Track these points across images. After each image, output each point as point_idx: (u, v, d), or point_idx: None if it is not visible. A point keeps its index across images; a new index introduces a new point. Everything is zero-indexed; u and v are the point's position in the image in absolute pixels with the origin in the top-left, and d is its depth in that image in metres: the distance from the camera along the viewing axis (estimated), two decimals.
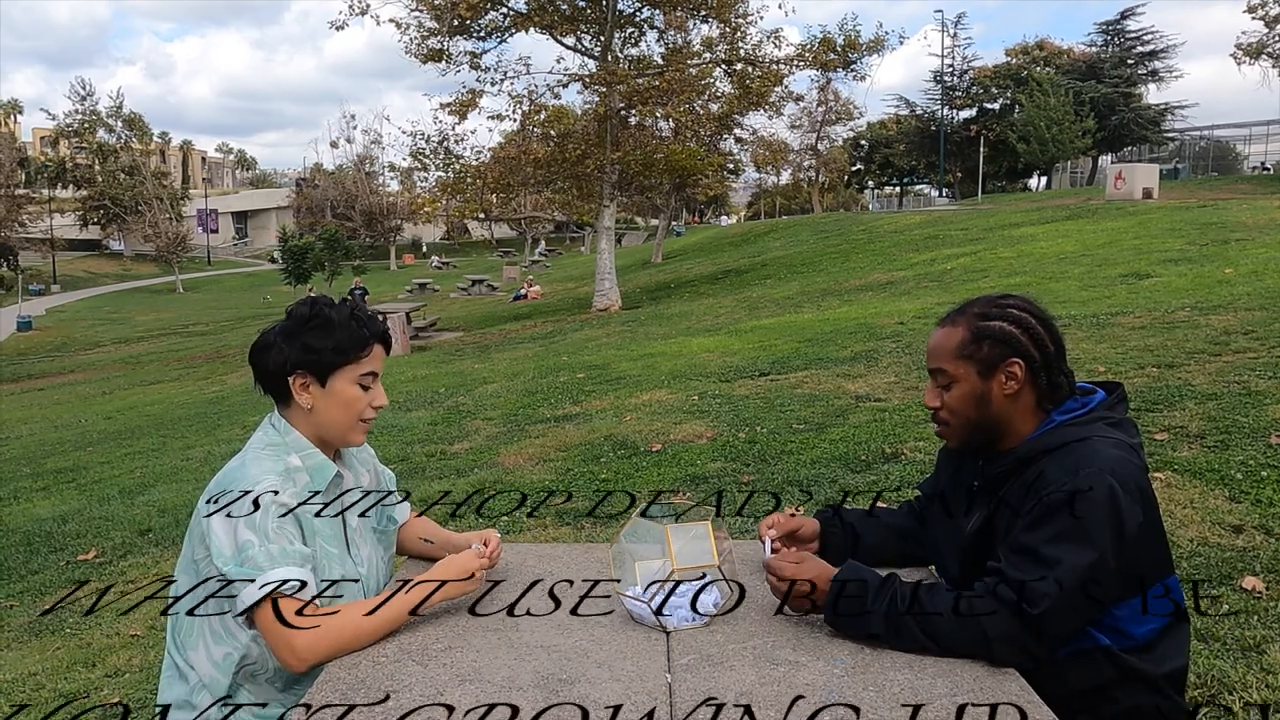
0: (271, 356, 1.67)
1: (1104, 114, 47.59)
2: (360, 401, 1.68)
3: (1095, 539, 1.41)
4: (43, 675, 3.47)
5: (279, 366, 1.66)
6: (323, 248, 41.30)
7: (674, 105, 18.99)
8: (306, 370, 1.65)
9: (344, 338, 1.65)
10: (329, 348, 1.64)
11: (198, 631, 1.60)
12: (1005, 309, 1.60)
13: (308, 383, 1.66)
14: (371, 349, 1.69)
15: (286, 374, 1.66)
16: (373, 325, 1.69)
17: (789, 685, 1.35)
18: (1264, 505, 3.51)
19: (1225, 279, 9.34)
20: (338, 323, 1.65)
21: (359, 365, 1.67)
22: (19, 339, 31.85)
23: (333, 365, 1.65)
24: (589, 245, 52.34)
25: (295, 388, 1.66)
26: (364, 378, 1.68)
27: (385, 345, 1.73)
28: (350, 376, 1.66)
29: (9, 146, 53.09)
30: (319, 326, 1.65)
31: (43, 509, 6.43)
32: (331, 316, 1.66)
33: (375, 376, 1.70)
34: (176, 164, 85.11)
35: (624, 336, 12.69)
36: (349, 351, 1.66)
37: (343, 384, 1.66)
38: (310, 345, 1.64)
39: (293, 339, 1.66)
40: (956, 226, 20.53)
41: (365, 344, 1.67)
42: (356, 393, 1.67)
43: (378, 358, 1.71)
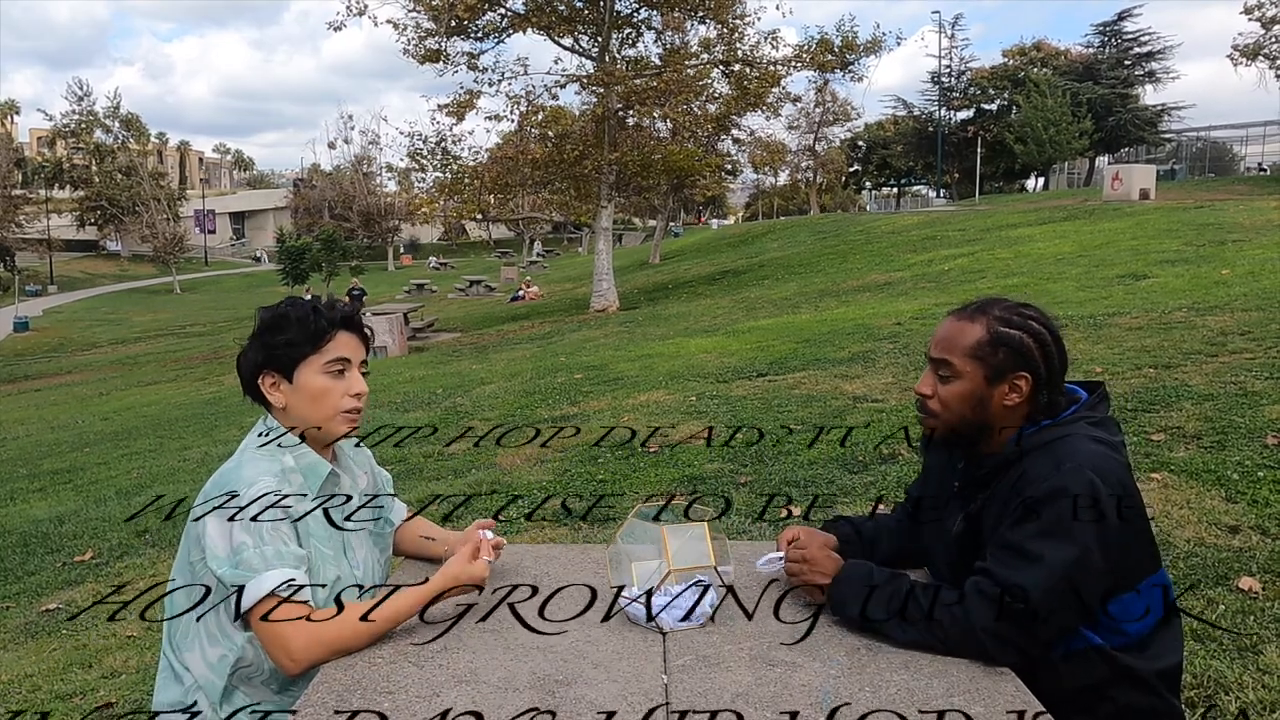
0: (245, 362, 1.69)
1: (1101, 115, 47.65)
2: (333, 392, 1.66)
3: (1078, 534, 1.42)
4: (39, 677, 3.46)
5: (250, 370, 1.68)
6: (320, 248, 41.26)
7: (672, 106, 19.00)
8: (270, 368, 1.67)
9: (300, 330, 1.65)
10: (284, 341, 1.65)
11: (193, 633, 1.60)
12: (1026, 319, 1.58)
13: (276, 381, 1.67)
14: (333, 337, 1.67)
15: (255, 378, 1.68)
16: (331, 314, 1.68)
17: (785, 686, 1.35)
18: (1260, 506, 3.51)
19: (1222, 280, 9.36)
20: (294, 318, 1.66)
21: (322, 354, 1.66)
22: (16, 340, 31.79)
23: (294, 359, 1.65)
24: (587, 246, 52.37)
25: (265, 388, 1.67)
26: (330, 366, 1.66)
27: (354, 331, 1.71)
28: (314, 368, 1.65)
29: (6, 147, 53.06)
30: (273, 325, 1.67)
31: (39, 510, 6.42)
32: (288, 313, 1.67)
33: (347, 363, 1.68)
34: (174, 164, 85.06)
35: (622, 337, 12.69)
36: (306, 343, 1.65)
37: (309, 376, 1.65)
38: (269, 343, 1.66)
39: (255, 340, 1.68)
40: (954, 227, 20.55)
41: (323, 333, 1.66)
42: (325, 383, 1.66)
43: (344, 345, 1.68)
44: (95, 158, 60.24)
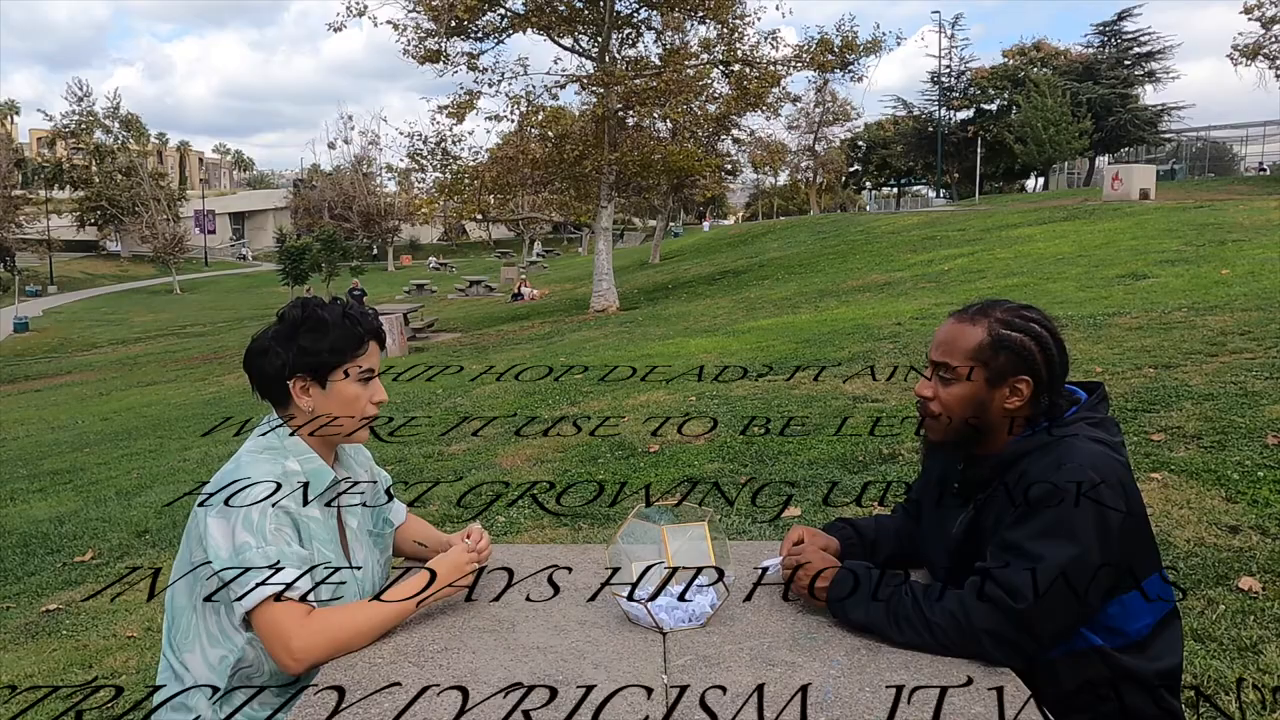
0: (269, 361, 1.67)
1: (1101, 115, 47.66)
2: (361, 399, 1.69)
3: (1078, 534, 1.42)
4: (39, 677, 3.46)
5: (277, 371, 1.66)
6: (320, 248, 41.26)
7: (672, 106, 19.02)
8: (305, 373, 1.65)
9: (339, 337, 1.65)
10: (325, 349, 1.65)
11: (194, 634, 1.60)
12: (1029, 322, 1.58)
13: (308, 385, 1.66)
14: (367, 346, 1.70)
15: (285, 378, 1.66)
16: (366, 322, 1.70)
17: (785, 686, 1.35)
18: (1260, 505, 3.51)
19: (1222, 280, 9.36)
20: (332, 323, 1.66)
21: (356, 363, 1.68)
22: (16, 340, 31.79)
23: (331, 365, 1.66)
24: (586, 246, 52.37)
25: (295, 391, 1.66)
26: (363, 375, 1.69)
27: (380, 341, 1.75)
28: (349, 375, 1.67)
29: (6, 147, 53.04)
30: (313, 328, 1.65)
31: (39, 510, 6.42)
32: (325, 317, 1.66)
33: (373, 372, 1.72)
34: (174, 165, 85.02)
35: (622, 337, 12.69)
36: (346, 351, 1.66)
37: (342, 383, 1.67)
38: (306, 348, 1.64)
39: (288, 342, 1.66)
40: (954, 227, 20.55)
41: (361, 341, 1.68)
42: (356, 390, 1.68)
43: (373, 354, 1.72)
44: (95, 158, 60.22)
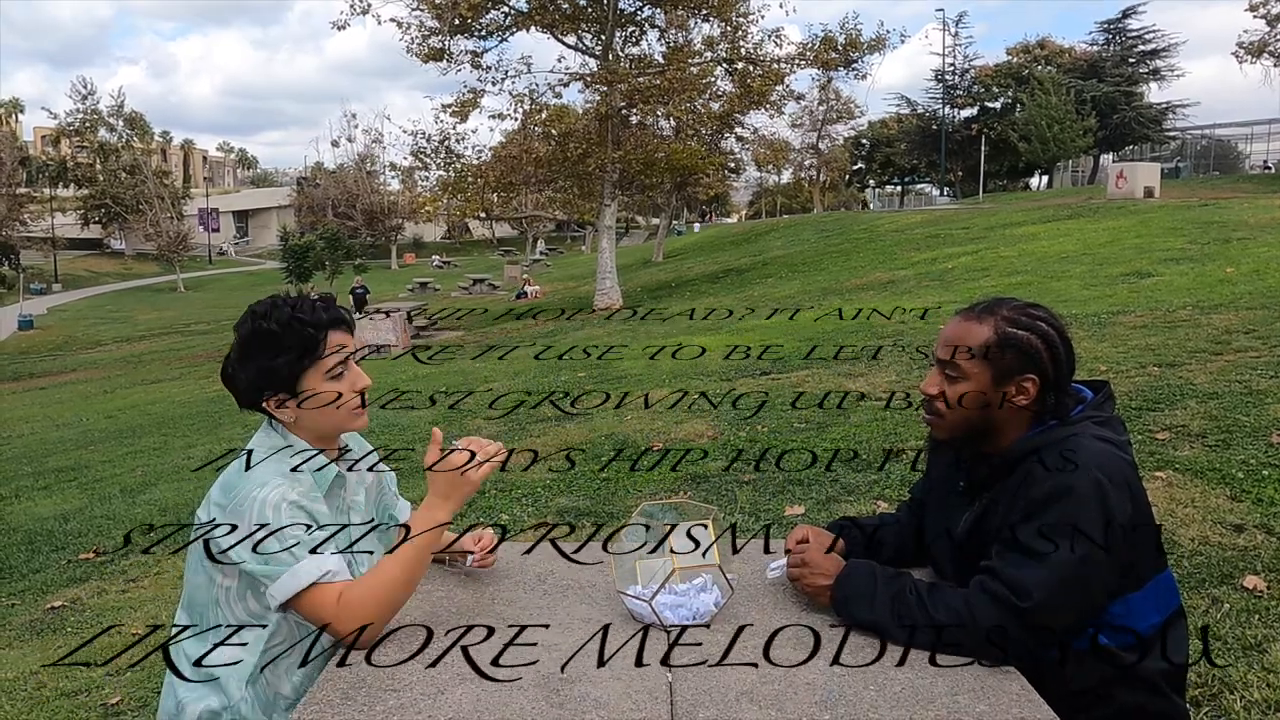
0: (236, 383, 1.62)
1: (1105, 113, 47.56)
2: (342, 395, 1.62)
3: (1084, 532, 1.42)
4: (44, 673, 3.48)
5: (249, 392, 1.61)
6: (324, 247, 41.27)
7: (675, 104, 19.00)
8: (271, 390, 1.60)
9: (293, 344, 1.57)
10: (282, 363, 1.58)
11: (213, 622, 1.59)
12: (1035, 320, 1.57)
13: (281, 399, 1.61)
14: (326, 341, 1.60)
15: (259, 401, 1.61)
16: (318, 317, 1.60)
17: (789, 684, 1.35)
18: (1265, 504, 3.50)
19: (1227, 278, 9.33)
20: (281, 332, 1.57)
21: (321, 363, 1.60)
22: (20, 338, 31.85)
23: (294, 374, 1.59)
24: (590, 244, 52.33)
25: (271, 408, 1.61)
26: (331, 372, 1.61)
27: (345, 327, 1.64)
28: (317, 376, 1.60)
29: (10, 145, 53.03)
30: (264, 343, 1.58)
31: (44, 508, 6.44)
32: (272, 329, 1.58)
33: (346, 362, 1.63)
34: (178, 163, 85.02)
35: (625, 335, 12.69)
36: (304, 356, 1.58)
37: (314, 385, 1.60)
38: (264, 366, 1.58)
39: (247, 363, 1.60)
40: (958, 225, 20.51)
41: (317, 342, 1.59)
42: (331, 388, 1.61)
43: (339, 343, 1.62)
44: (99, 156, 60.27)
